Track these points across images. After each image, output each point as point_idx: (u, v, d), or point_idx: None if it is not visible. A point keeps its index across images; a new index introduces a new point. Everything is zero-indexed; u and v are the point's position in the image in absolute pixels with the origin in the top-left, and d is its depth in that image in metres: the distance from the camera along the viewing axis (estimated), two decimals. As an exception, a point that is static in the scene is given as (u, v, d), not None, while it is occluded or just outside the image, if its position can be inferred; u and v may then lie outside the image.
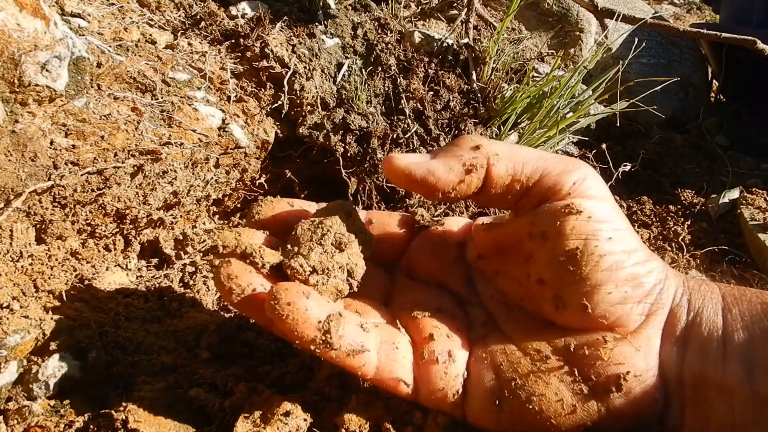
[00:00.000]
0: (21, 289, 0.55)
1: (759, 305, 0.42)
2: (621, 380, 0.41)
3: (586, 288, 0.42)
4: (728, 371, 0.40)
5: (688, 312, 0.43)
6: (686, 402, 0.41)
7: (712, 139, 1.34)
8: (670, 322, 0.43)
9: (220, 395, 0.51)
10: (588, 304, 0.42)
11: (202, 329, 0.60)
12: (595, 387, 0.41)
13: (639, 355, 0.42)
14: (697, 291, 0.44)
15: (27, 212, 0.55)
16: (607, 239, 0.43)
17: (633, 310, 0.43)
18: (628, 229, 0.45)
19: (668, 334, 0.43)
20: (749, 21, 1.37)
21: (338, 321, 0.41)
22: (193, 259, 0.74)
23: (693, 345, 0.42)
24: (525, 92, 0.85)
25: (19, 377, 0.46)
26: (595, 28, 1.33)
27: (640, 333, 0.43)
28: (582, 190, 0.45)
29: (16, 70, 0.52)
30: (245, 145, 0.72)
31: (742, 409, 0.39)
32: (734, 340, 0.40)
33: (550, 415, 0.41)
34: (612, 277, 0.42)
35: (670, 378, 0.42)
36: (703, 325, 0.42)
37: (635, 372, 0.41)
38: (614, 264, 0.42)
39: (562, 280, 0.43)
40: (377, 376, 0.44)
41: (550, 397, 0.42)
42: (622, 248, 0.43)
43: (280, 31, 0.83)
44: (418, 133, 0.84)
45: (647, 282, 0.43)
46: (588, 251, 0.42)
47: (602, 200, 0.45)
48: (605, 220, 0.43)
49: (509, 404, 0.43)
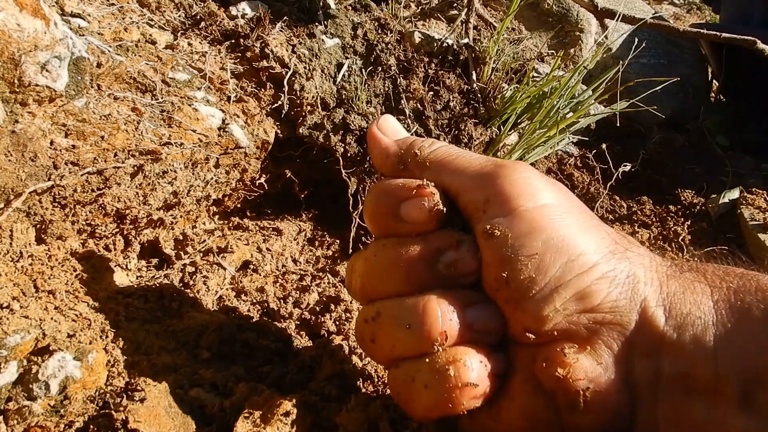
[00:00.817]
0: (21, 289, 0.55)
1: (758, 312, 0.38)
2: (580, 397, 0.39)
3: (522, 317, 0.40)
4: (720, 389, 0.37)
5: (667, 321, 0.39)
6: (662, 419, 0.38)
7: (712, 139, 1.34)
8: (643, 333, 0.39)
9: (220, 395, 0.51)
10: (530, 335, 0.40)
11: (202, 329, 0.60)
12: (556, 399, 0.40)
13: (599, 368, 0.39)
14: (680, 299, 0.40)
15: (27, 212, 0.55)
16: (533, 255, 0.40)
17: (581, 321, 0.39)
18: (571, 230, 0.41)
19: (638, 346, 0.39)
20: (749, 21, 1.37)
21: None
22: (193, 259, 0.74)
23: (673, 360, 0.38)
24: (525, 92, 0.85)
25: (19, 377, 0.46)
26: (595, 28, 1.33)
27: (599, 344, 0.39)
28: (498, 204, 0.42)
29: (16, 70, 0.52)
30: (245, 145, 0.72)
31: (738, 428, 0.36)
32: (726, 355, 0.37)
33: (514, 427, 0.41)
34: (549, 298, 0.39)
35: (641, 391, 0.39)
36: (687, 340, 0.38)
37: (596, 387, 0.39)
38: (550, 281, 0.39)
39: (505, 310, 0.42)
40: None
41: (514, 409, 0.41)
42: (560, 261, 0.39)
43: (280, 31, 0.83)
44: (418, 133, 0.84)
45: (597, 293, 0.39)
46: (514, 278, 0.40)
47: (524, 211, 0.41)
48: (528, 233, 0.40)
49: (479, 414, 0.42)
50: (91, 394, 0.47)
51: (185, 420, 0.46)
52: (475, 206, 0.43)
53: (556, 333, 0.40)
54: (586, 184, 1.07)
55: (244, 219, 0.85)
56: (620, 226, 1.01)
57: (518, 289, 0.40)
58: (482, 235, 0.42)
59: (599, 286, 0.39)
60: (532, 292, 0.40)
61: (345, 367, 0.53)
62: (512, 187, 0.42)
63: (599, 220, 0.45)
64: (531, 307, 0.40)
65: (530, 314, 0.40)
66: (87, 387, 0.47)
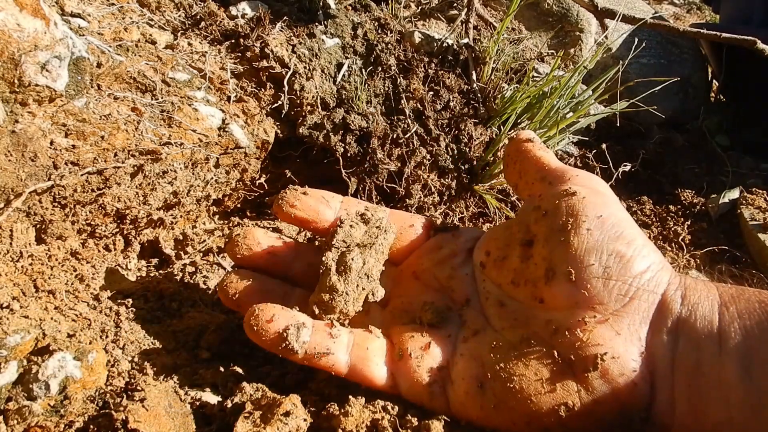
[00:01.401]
0: (21, 289, 0.55)
1: (757, 303, 0.42)
2: (598, 360, 0.42)
3: (571, 256, 0.45)
4: (725, 368, 0.40)
5: (682, 306, 0.44)
6: (678, 396, 0.41)
7: (712, 139, 1.34)
8: (661, 313, 0.44)
9: (220, 395, 0.51)
10: (572, 271, 0.45)
11: (202, 329, 0.60)
12: (573, 366, 0.43)
13: (619, 338, 0.43)
14: (693, 289, 0.45)
15: (27, 212, 0.55)
16: (596, 217, 0.47)
17: (614, 288, 0.44)
18: (624, 218, 0.48)
19: (658, 324, 0.43)
20: (749, 21, 1.37)
21: (297, 329, 0.49)
22: (193, 259, 0.74)
23: (687, 339, 0.42)
24: (525, 92, 0.85)
25: (19, 377, 0.46)
26: (595, 28, 1.33)
27: (623, 318, 0.44)
28: (581, 181, 0.51)
29: (16, 70, 0.52)
30: (245, 145, 0.72)
31: (739, 406, 0.39)
32: (731, 338, 0.41)
33: (530, 393, 0.43)
34: (596, 249, 0.45)
35: (659, 368, 0.42)
36: (698, 321, 0.42)
37: (613, 354, 0.42)
38: (600, 239, 0.46)
39: (554, 252, 0.47)
40: (351, 373, 0.49)
41: (529, 376, 0.44)
42: (611, 228, 0.46)
43: (280, 31, 0.83)
44: (418, 133, 0.84)
45: (635, 265, 0.45)
46: (577, 224, 0.47)
47: (598, 191, 0.50)
48: (598, 203, 0.48)
49: (491, 386, 0.45)
50: (91, 394, 0.47)
51: (185, 420, 0.46)
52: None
53: (590, 288, 0.44)
54: (586, 184, 1.07)
55: (244, 219, 0.85)
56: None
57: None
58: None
59: (638, 258, 0.45)
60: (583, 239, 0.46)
61: (345, 367, 0.53)
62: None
63: None
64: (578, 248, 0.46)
65: (578, 257, 0.45)
66: (87, 387, 0.47)
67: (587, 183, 0.51)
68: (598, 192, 0.50)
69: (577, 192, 0.49)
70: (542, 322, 0.46)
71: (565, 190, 0.50)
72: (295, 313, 0.51)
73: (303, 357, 0.49)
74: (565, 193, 0.50)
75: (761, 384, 0.39)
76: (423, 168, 0.84)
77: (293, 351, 0.48)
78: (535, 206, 0.51)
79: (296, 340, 0.48)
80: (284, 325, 0.49)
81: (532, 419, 0.43)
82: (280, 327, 0.49)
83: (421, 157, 0.84)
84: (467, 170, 0.88)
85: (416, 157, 0.83)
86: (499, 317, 0.50)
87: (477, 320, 0.52)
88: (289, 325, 0.49)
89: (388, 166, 0.82)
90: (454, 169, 0.86)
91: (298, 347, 0.48)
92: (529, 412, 0.43)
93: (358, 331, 0.52)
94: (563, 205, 0.49)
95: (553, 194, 0.50)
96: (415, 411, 0.47)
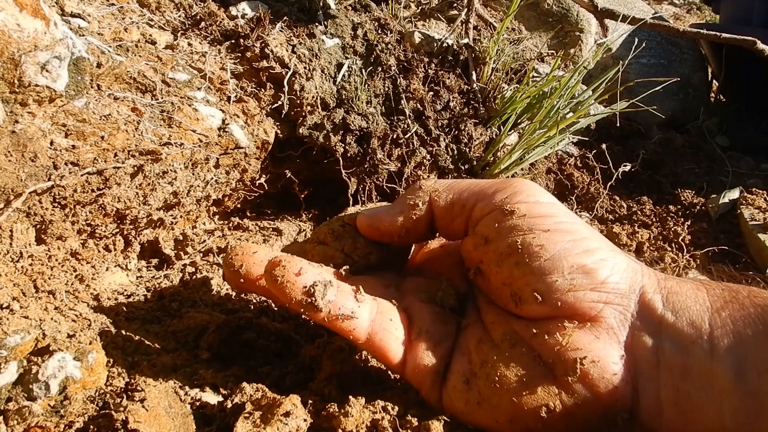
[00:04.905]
0: (21, 289, 0.55)
1: (752, 308, 0.41)
2: (577, 364, 0.42)
3: (532, 279, 0.44)
4: (716, 374, 0.39)
5: (665, 309, 0.43)
6: (665, 399, 0.41)
7: (712, 139, 1.34)
8: (641, 315, 0.43)
9: (220, 395, 0.51)
10: (538, 296, 0.44)
11: (202, 329, 0.60)
12: (554, 369, 0.43)
13: (598, 342, 0.42)
14: (677, 292, 0.44)
15: (27, 212, 0.55)
16: (544, 231, 0.45)
17: (585, 297, 0.43)
18: (576, 223, 0.47)
19: (638, 327, 0.43)
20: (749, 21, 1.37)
21: (324, 287, 0.46)
22: (193, 259, 0.74)
23: (672, 342, 0.41)
24: (525, 92, 0.85)
25: (19, 377, 0.46)
26: (595, 28, 1.33)
27: (600, 322, 0.43)
28: (515, 198, 0.48)
29: (16, 71, 0.52)
30: (245, 145, 0.72)
31: (733, 413, 0.38)
32: (723, 343, 0.40)
33: (512, 393, 0.43)
34: (556, 266, 0.44)
35: (642, 371, 0.42)
36: (685, 325, 0.41)
37: (593, 358, 0.42)
38: (556, 254, 0.44)
39: (513, 277, 0.46)
40: (368, 343, 0.47)
41: (511, 377, 0.44)
42: (565, 239, 0.45)
43: (280, 31, 0.83)
44: (418, 133, 0.84)
45: (600, 272, 0.44)
46: (526, 244, 0.45)
47: (538, 202, 0.48)
48: (542, 215, 0.46)
49: (476, 383, 0.45)
50: (91, 394, 0.47)
51: (185, 420, 0.46)
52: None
53: (561, 304, 0.43)
54: (586, 184, 1.07)
55: (244, 219, 0.85)
56: (620, 226, 1.01)
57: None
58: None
59: (602, 265, 0.44)
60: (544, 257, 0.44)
61: (345, 367, 0.53)
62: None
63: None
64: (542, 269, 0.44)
65: (539, 277, 0.44)
66: (87, 387, 0.47)
67: (520, 197, 0.48)
68: (537, 203, 0.48)
69: (514, 211, 0.47)
70: (522, 324, 0.46)
71: (501, 211, 0.47)
72: (322, 269, 0.49)
73: (325, 316, 0.46)
74: (501, 214, 0.47)
75: (757, 391, 0.37)
76: (423, 168, 0.85)
77: (317, 309, 0.46)
78: (473, 234, 0.49)
79: (322, 297, 0.46)
80: (312, 280, 0.46)
81: (515, 418, 0.43)
82: (308, 281, 0.46)
83: (421, 158, 0.84)
84: (467, 170, 0.88)
85: (416, 158, 0.83)
86: (487, 313, 0.50)
87: (472, 313, 0.51)
88: (317, 281, 0.46)
89: (388, 167, 0.82)
90: (454, 169, 0.86)
91: (323, 305, 0.46)
92: (511, 411, 0.43)
93: (382, 301, 0.50)
94: (503, 227, 0.46)
95: (490, 219, 0.48)
96: (415, 411, 0.47)
